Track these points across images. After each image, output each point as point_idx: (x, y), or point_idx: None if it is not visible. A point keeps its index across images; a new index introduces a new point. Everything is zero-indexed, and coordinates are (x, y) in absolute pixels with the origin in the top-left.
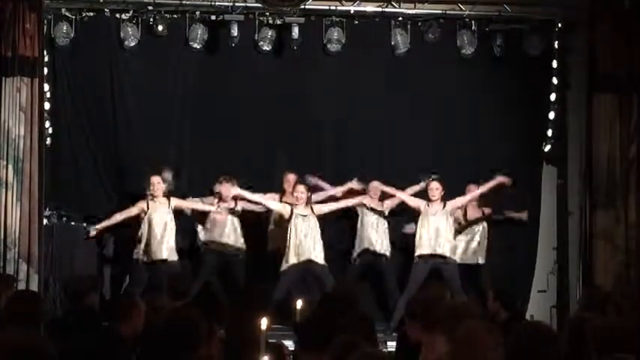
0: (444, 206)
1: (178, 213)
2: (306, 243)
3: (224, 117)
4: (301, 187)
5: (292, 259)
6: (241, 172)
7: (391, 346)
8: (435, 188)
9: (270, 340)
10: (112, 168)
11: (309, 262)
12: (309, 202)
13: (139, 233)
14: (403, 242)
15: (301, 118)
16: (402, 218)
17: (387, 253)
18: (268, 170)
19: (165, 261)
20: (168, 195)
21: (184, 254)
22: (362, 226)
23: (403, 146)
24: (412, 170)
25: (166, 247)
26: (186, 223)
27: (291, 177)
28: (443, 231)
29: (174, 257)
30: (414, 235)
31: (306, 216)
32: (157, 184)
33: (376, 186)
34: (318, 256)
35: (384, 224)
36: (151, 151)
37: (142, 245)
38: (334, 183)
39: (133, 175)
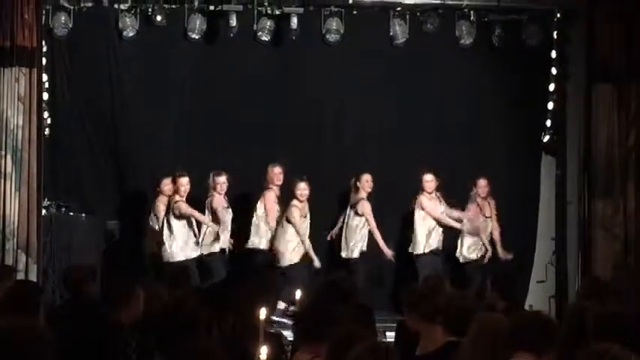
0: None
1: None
2: (306, 241)
3: (222, 107)
4: (303, 184)
5: (295, 257)
6: (239, 163)
7: (390, 336)
8: (429, 180)
9: (269, 330)
10: (111, 158)
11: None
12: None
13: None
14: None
15: (300, 108)
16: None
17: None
18: (266, 161)
19: None
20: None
21: None
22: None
23: (402, 136)
24: (411, 160)
25: None
26: None
27: (277, 170)
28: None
29: None
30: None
31: (305, 216)
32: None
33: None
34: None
35: None
36: (149, 141)
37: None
38: (331, 172)
39: (132, 165)
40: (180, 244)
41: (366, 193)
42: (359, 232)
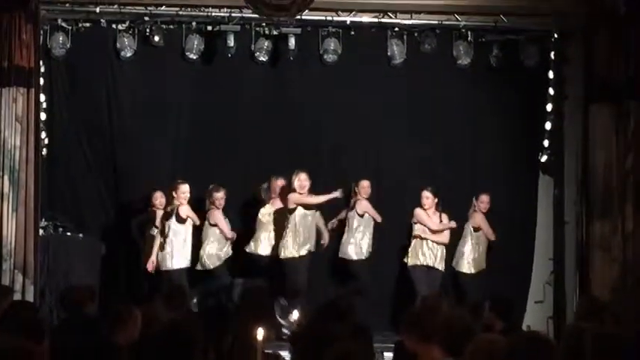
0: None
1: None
2: (307, 234)
3: (221, 127)
4: (304, 175)
5: (300, 250)
6: (238, 182)
7: (388, 357)
8: (426, 197)
9: (266, 351)
10: (109, 178)
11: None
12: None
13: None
14: None
15: (298, 128)
16: None
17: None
18: (265, 180)
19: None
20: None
21: None
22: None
23: (400, 157)
24: (409, 180)
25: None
26: None
27: (279, 182)
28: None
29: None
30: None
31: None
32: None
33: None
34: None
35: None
36: (148, 161)
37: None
38: (329, 192)
39: (129, 185)
40: (179, 251)
41: (363, 198)
42: (360, 233)
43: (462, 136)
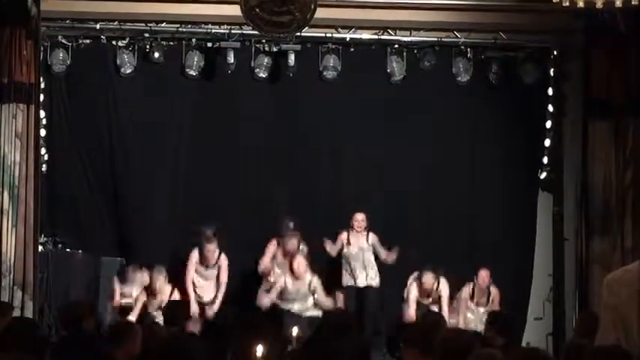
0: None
1: None
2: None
3: (220, 144)
4: (361, 216)
5: None
6: (238, 198)
7: None
8: (361, 219)
9: None
10: (108, 194)
11: None
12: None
13: None
14: None
15: (297, 145)
16: None
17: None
18: (264, 198)
19: None
20: None
21: None
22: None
23: (400, 173)
24: (409, 197)
25: None
26: None
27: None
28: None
29: None
30: None
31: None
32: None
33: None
34: None
35: None
36: (147, 177)
37: None
38: (330, 209)
39: (129, 201)
40: None
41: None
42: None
43: (461, 152)
